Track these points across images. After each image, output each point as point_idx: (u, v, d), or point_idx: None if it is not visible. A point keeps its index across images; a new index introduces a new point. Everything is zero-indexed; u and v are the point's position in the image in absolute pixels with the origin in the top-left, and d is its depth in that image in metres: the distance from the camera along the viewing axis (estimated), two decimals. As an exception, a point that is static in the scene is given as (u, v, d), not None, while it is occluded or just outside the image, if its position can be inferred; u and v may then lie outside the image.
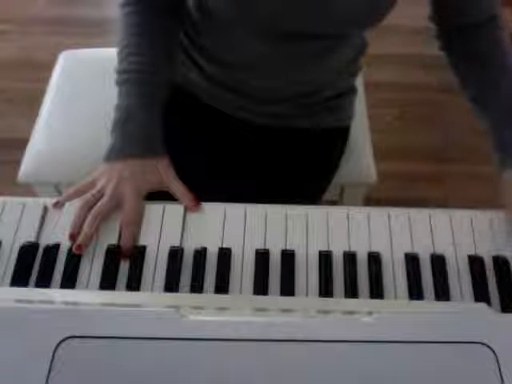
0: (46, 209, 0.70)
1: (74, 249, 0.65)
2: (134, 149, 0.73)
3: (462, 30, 0.81)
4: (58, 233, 0.68)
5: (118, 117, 0.75)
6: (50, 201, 0.71)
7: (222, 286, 0.64)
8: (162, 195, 0.73)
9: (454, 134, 1.67)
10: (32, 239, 0.67)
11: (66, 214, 0.69)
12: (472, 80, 0.81)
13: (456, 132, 1.66)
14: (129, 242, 0.67)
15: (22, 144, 1.11)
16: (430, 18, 0.84)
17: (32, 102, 1.29)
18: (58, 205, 0.70)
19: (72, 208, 0.69)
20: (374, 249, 0.68)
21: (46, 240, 0.67)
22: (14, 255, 0.66)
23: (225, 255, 0.66)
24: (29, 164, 1.07)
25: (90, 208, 0.68)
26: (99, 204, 0.68)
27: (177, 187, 0.72)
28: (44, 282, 0.64)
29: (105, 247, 0.67)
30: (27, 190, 1.12)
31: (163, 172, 0.73)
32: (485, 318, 0.50)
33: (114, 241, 0.67)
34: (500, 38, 0.80)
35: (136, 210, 0.69)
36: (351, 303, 0.60)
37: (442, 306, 0.60)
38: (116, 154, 0.73)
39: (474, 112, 0.80)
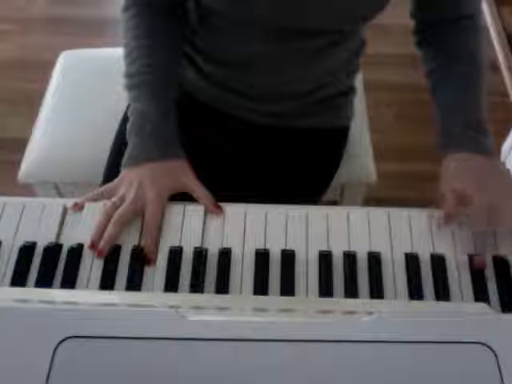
0: (45, 208, 0.70)
1: (96, 255, 0.65)
2: (152, 153, 0.73)
3: (438, 25, 0.82)
4: (59, 233, 0.68)
5: (133, 122, 0.75)
6: (49, 201, 0.71)
7: (222, 286, 0.64)
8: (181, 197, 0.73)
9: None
10: (32, 239, 0.67)
11: (67, 213, 0.69)
12: (435, 71, 0.82)
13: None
14: (152, 245, 0.66)
15: (22, 144, 1.11)
16: (411, 14, 0.86)
17: (32, 102, 1.29)
18: (77, 207, 0.70)
19: (69, 206, 0.69)
20: (374, 249, 0.68)
21: (45, 240, 0.67)
22: (14, 255, 0.66)
23: (225, 255, 0.66)
24: (29, 164, 1.07)
25: (111, 216, 0.68)
26: (120, 210, 0.68)
27: (198, 190, 0.72)
28: (44, 281, 0.64)
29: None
30: (27, 189, 1.12)
31: (183, 174, 0.73)
32: (485, 318, 0.50)
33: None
34: (476, 36, 0.81)
35: (158, 214, 0.69)
36: (351, 303, 0.60)
37: (441, 306, 0.60)
38: (135, 159, 0.73)
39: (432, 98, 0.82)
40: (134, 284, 0.64)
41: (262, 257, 0.66)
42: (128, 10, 0.80)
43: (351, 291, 0.64)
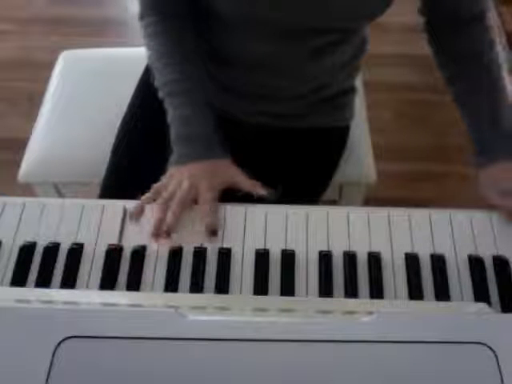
0: (45, 208, 0.70)
1: (164, 237, 0.67)
2: (201, 155, 0.75)
3: (447, 25, 0.82)
4: (59, 233, 0.68)
5: (178, 128, 0.76)
6: (49, 201, 0.71)
7: (222, 286, 0.64)
8: None
9: (453, 134, 1.67)
10: (32, 239, 0.67)
11: (68, 213, 0.69)
12: (454, 77, 0.83)
13: (455, 132, 1.66)
14: (210, 227, 0.68)
15: (21, 144, 1.11)
16: (419, 11, 0.85)
17: (32, 102, 1.30)
18: (138, 209, 0.70)
19: (69, 206, 0.70)
20: (374, 249, 0.68)
21: (45, 240, 0.67)
22: (14, 255, 0.66)
23: (225, 255, 0.66)
24: (29, 164, 1.07)
25: (165, 209, 0.69)
26: (179, 194, 0.69)
27: (246, 182, 0.74)
28: (44, 282, 0.64)
29: (105, 247, 0.67)
30: (27, 189, 1.12)
31: (231, 170, 0.75)
32: (485, 318, 0.50)
33: (114, 240, 0.67)
34: (485, 36, 0.81)
35: (213, 202, 0.70)
36: (351, 303, 0.60)
37: (441, 306, 0.60)
38: (184, 159, 0.74)
39: (457, 107, 0.82)
40: (134, 284, 0.64)
41: (261, 257, 0.66)
42: (143, 18, 0.81)
43: (351, 291, 0.64)
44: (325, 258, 0.66)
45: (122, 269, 0.65)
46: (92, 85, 1.15)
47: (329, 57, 0.84)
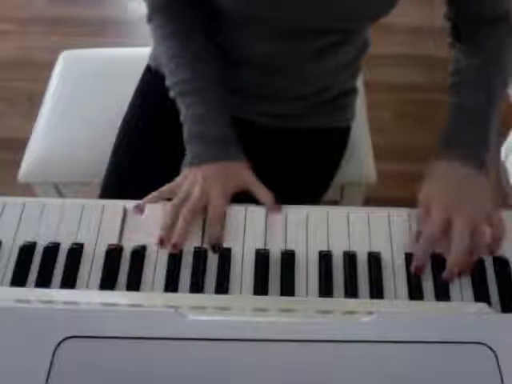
0: (45, 208, 0.70)
1: (170, 249, 0.66)
2: (216, 155, 0.74)
3: (474, 29, 0.81)
4: (59, 233, 0.68)
5: (191, 127, 0.76)
6: (49, 201, 0.71)
7: (222, 286, 0.64)
8: None
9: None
10: (32, 239, 0.67)
11: (68, 213, 0.69)
12: (463, 70, 0.82)
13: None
14: (215, 239, 0.67)
15: (21, 144, 1.11)
16: (445, 16, 0.84)
17: (32, 102, 1.30)
18: (139, 209, 0.70)
19: (69, 206, 0.70)
20: (374, 249, 0.68)
21: (45, 240, 0.67)
22: (14, 255, 0.66)
23: (225, 255, 0.66)
24: (29, 164, 1.07)
25: (178, 211, 0.68)
26: (189, 203, 0.69)
27: (259, 189, 0.73)
28: (44, 282, 0.64)
29: (105, 247, 0.67)
30: (27, 189, 1.12)
31: (246, 174, 0.74)
32: (485, 318, 0.50)
33: (114, 240, 0.67)
34: (507, 37, 0.80)
35: (222, 209, 0.69)
36: (351, 303, 0.60)
37: (441, 306, 0.61)
38: (199, 159, 0.74)
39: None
40: (134, 284, 0.64)
41: (262, 257, 0.66)
42: (151, 21, 0.81)
43: (351, 291, 0.64)
44: (325, 258, 0.66)
45: (122, 269, 0.65)
46: (92, 85, 1.15)
47: (332, 57, 0.83)
